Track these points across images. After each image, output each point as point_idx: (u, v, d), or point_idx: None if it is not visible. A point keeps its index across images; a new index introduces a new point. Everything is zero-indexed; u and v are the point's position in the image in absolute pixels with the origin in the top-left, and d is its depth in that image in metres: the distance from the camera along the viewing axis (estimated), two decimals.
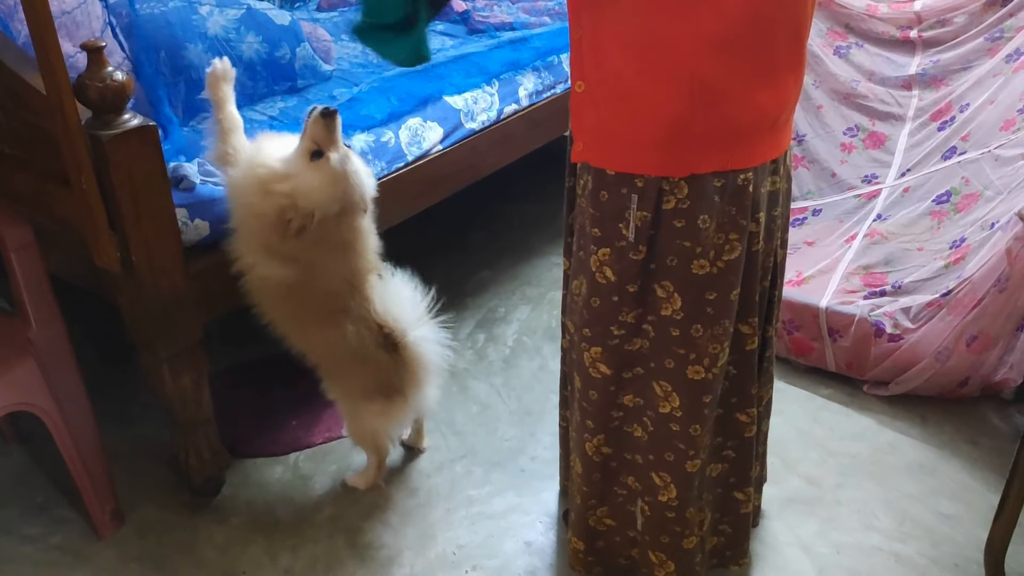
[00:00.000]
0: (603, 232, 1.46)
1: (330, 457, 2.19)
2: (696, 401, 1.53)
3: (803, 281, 2.54)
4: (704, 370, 1.50)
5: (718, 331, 1.49)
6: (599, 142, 1.44)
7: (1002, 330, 2.22)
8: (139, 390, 2.27)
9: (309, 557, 1.91)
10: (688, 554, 1.68)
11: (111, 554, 1.92)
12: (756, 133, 1.39)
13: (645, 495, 1.65)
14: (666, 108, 1.33)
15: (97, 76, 1.60)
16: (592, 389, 1.59)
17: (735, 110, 1.34)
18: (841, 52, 2.95)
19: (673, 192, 1.39)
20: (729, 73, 1.31)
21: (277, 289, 1.81)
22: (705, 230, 1.41)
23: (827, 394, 2.38)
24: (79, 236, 1.73)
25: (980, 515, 1.95)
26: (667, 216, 1.41)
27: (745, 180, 1.40)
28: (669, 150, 1.36)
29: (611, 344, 1.53)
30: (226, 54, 2.22)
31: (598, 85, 1.39)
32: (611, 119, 1.40)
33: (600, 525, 1.73)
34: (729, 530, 1.77)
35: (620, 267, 1.46)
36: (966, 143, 2.63)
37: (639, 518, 1.68)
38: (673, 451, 1.58)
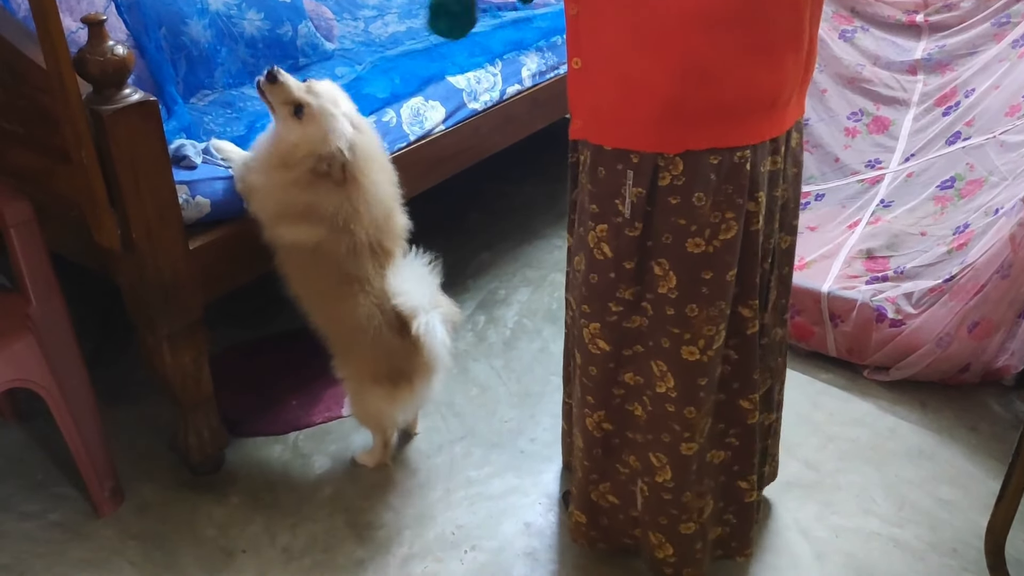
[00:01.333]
0: (600, 208, 1.46)
1: (330, 437, 2.19)
2: (691, 383, 1.52)
3: (805, 266, 2.53)
4: (699, 351, 1.50)
5: (713, 312, 1.48)
6: (596, 118, 1.44)
7: (1004, 316, 2.21)
8: (139, 367, 2.26)
9: (308, 536, 1.91)
10: (687, 540, 1.67)
11: (110, 532, 1.92)
12: (753, 111, 1.38)
13: (644, 475, 1.65)
14: (659, 84, 1.33)
15: (98, 50, 1.58)
16: (592, 365, 1.59)
17: (730, 87, 1.34)
18: (846, 36, 2.93)
19: (668, 168, 1.39)
20: (722, 50, 1.31)
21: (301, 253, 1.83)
22: (700, 208, 1.40)
23: (827, 379, 2.38)
24: (79, 213, 1.72)
25: (979, 501, 1.95)
26: (662, 193, 1.41)
27: (742, 158, 1.39)
28: (663, 126, 1.37)
29: (609, 320, 1.53)
30: (227, 30, 2.21)
31: (594, 61, 1.39)
32: (607, 95, 1.40)
33: (603, 501, 1.73)
34: (733, 520, 1.75)
35: (617, 243, 1.46)
36: (971, 128, 2.61)
37: (639, 498, 1.68)
38: (669, 432, 1.57)
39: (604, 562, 1.84)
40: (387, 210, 1.90)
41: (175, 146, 1.84)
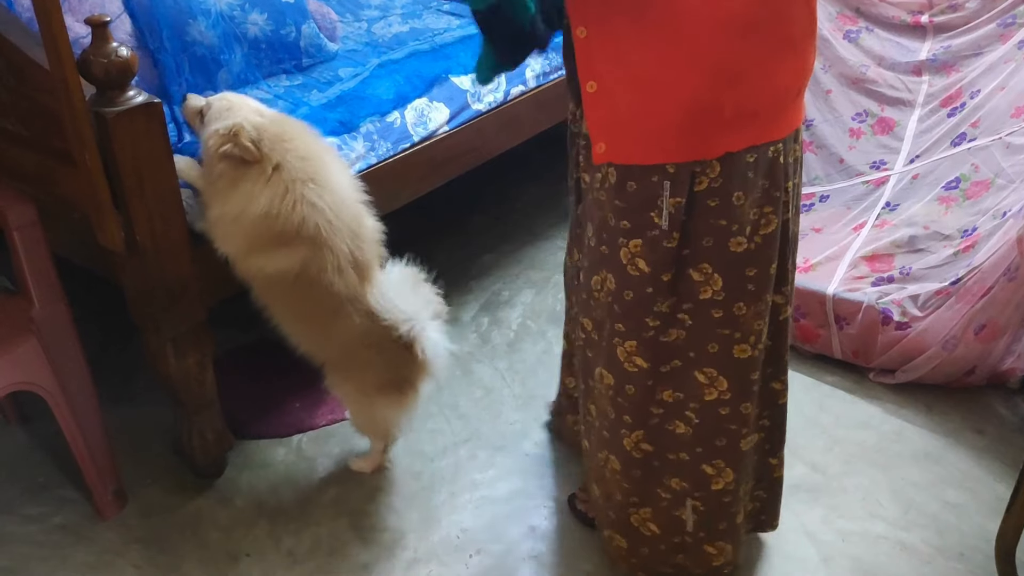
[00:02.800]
0: (632, 223, 1.43)
1: (333, 439, 2.18)
2: (745, 380, 1.54)
3: (810, 268, 2.52)
4: (751, 347, 1.51)
5: (760, 307, 1.49)
6: (622, 138, 1.41)
7: (1010, 319, 2.20)
8: (142, 370, 2.25)
9: (312, 539, 1.90)
10: (740, 528, 1.71)
11: (113, 535, 1.91)
12: (782, 104, 1.39)
13: (695, 491, 1.63)
14: (695, 94, 1.32)
15: (101, 52, 1.58)
16: (629, 384, 1.56)
17: (763, 87, 1.34)
18: (851, 36, 2.92)
19: (705, 172, 1.38)
20: (753, 52, 1.31)
21: (284, 283, 1.78)
22: (740, 207, 1.40)
23: (833, 381, 2.37)
24: (83, 215, 1.72)
25: (986, 504, 1.95)
26: (700, 197, 1.39)
27: (776, 152, 1.40)
28: (700, 134, 1.35)
29: (647, 336, 1.51)
30: (230, 30, 2.20)
31: (614, 81, 1.37)
32: (632, 113, 1.38)
33: (644, 529, 1.69)
34: (764, 495, 1.77)
35: (654, 257, 1.44)
36: (976, 130, 2.60)
37: (690, 519, 1.65)
38: (725, 435, 1.57)
39: (610, 566, 1.83)
40: (355, 214, 1.84)
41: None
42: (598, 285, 1.54)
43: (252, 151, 1.71)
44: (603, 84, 1.38)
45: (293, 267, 1.75)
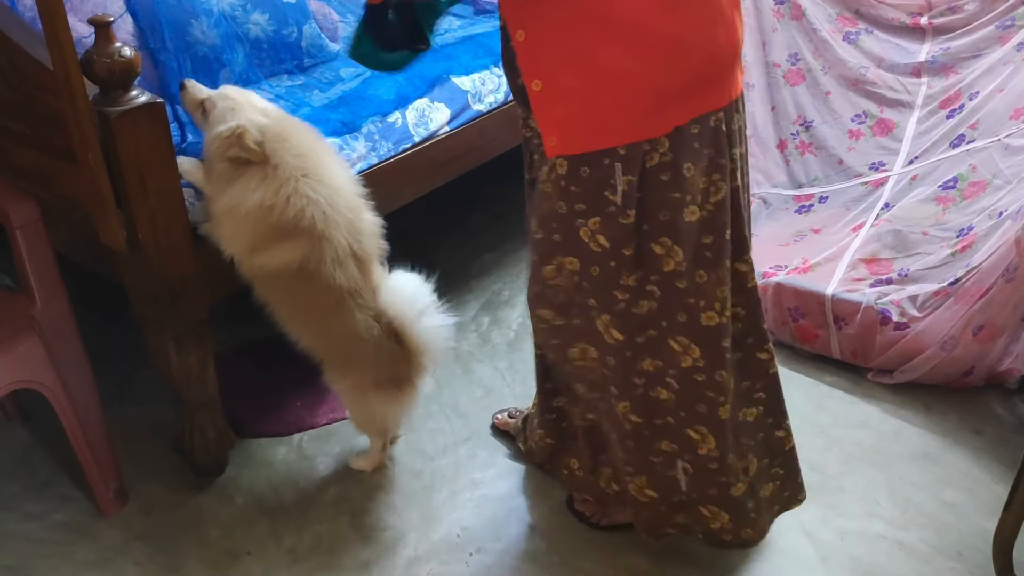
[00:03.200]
0: (588, 204, 1.47)
1: (334, 438, 2.18)
2: (716, 347, 1.56)
3: (809, 268, 2.53)
4: (717, 314, 1.54)
5: (721, 273, 1.52)
6: (573, 129, 1.45)
7: (1008, 320, 2.21)
8: (144, 368, 2.26)
9: (313, 538, 1.91)
10: (739, 502, 1.69)
11: (114, 532, 1.92)
12: (721, 74, 1.44)
13: (684, 454, 1.66)
14: (641, 74, 1.37)
15: (105, 52, 1.59)
16: (609, 356, 1.60)
17: (701, 58, 1.40)
18: (850, 38, 2.93)
19: (656, 149, 1.42)
20: (685, 25, 1.37)
21: (286, 279, 1.79)
22: (690, 178, 1.45)
23: (831, 381, 2.38)
24: (85, 213, 1.72)
25: (984, 504, 1.95)
26: (652, 173, 1.44)
27: (717, 120, 1.45)
28: (650, 113, 1.40)
29: (618, 308, 1.55)
30: (232, 30, 2.21)
31: (559, 76, 1.42)
32: (582, 102, 1.42)
33: (642, 496, 1.72)
34: (781, 471, 1.77)
35: (612, 232, 1.48)
36: (975, 131, 2.61)
37: (682, 479, 1.68)
38: (704, 401, 1.60)
39: (609, 564, 1.84)
40: (353, 208, 1.85)
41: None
42: (552, 273, 1.57)
43: (257, 152, 1.73)
44: (548, 80, 1.42)
45: (294, 261, 1.77)
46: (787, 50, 3.00)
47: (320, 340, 1.90)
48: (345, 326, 1.83)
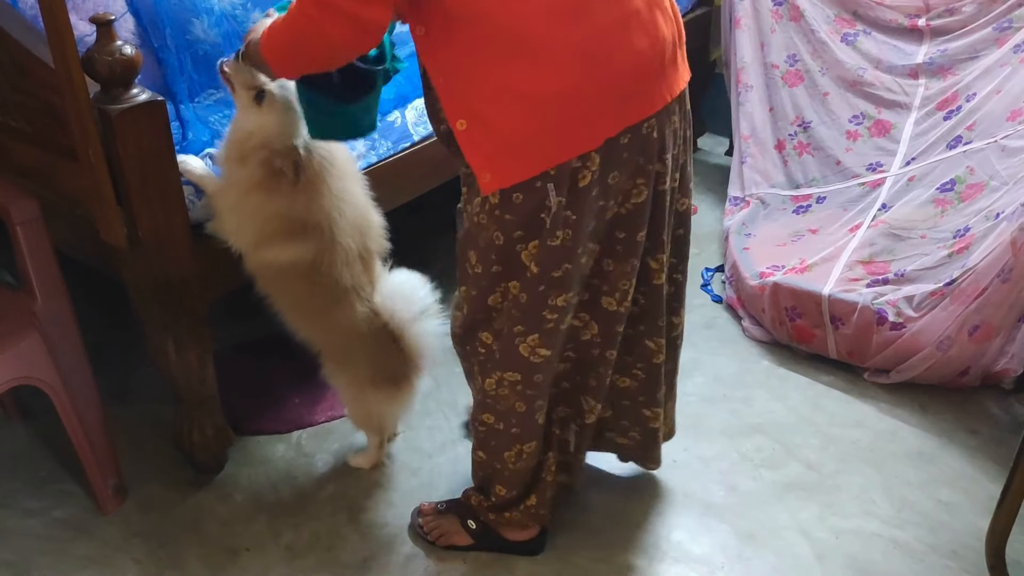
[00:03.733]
0: (526, 230, 1.46)
1: (332, 436, 2.19)
2: (611, 329, 1.65)
3: (806, 269, 2.54)
4: (616, 303, 1.61)
5: (627, 268, 1.58)
6: (505, 162, 1.42)
7: (1004, 320, 2.22)
8: (143, 365, 2.27)
9: (311, 534, 1.92)
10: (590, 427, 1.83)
11: (114, 529, 1.93)
12: (647, 79, 1.43)
13: (575, 420, 1.80)
14: (567, 92, 1.36)
15: (106, 50, 1.59)
16: (537, 373, 1.64)
17: (622, 66, 1.38)
18: (848, 39, 2.94)
19: (587, 165, 1.42)
20: (595, 34, 1.36)
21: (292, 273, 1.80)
22: (615, 184, 1.47)
23: (828, 381, 2.39)
24: (85, 211, 1.73)
25: (979, 503, 1.96)
26: (584, 192, 1.44)
27: (649, 127, 1.45)
28: (581, 131, 1.40)
29: (546, 328, 1.58)
30: (232, 30, 2.21)
31: (484, 113, 1.40)
32: (511, 136, 1.40)
33: (553, 479, 1.81)
34: (638, 437, 1.90)
35: (544, 256, 1.48)
36: (972, 133, 2.62)
37: (572, 439, 1.82)
38: (596, 377, 1.72)
39: (605, 562, 1.85)
40: (362, 212, 1.87)
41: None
42: (497, 301, 1.57)
43: (294, 178, 1.73)
44: (472, 119, 1.41)
45: (305, 258, 1.78)
46: (785, 51, 3.01)
47: (319, 332, 1.91)
48: (344, 320, 1.84)
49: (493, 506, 1.83)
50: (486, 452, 1.79)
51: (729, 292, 2.70)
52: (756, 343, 2.54)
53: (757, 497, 2.01)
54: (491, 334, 1.62)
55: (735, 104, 3.08)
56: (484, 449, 1.79)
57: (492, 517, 1.83)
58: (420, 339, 1.90)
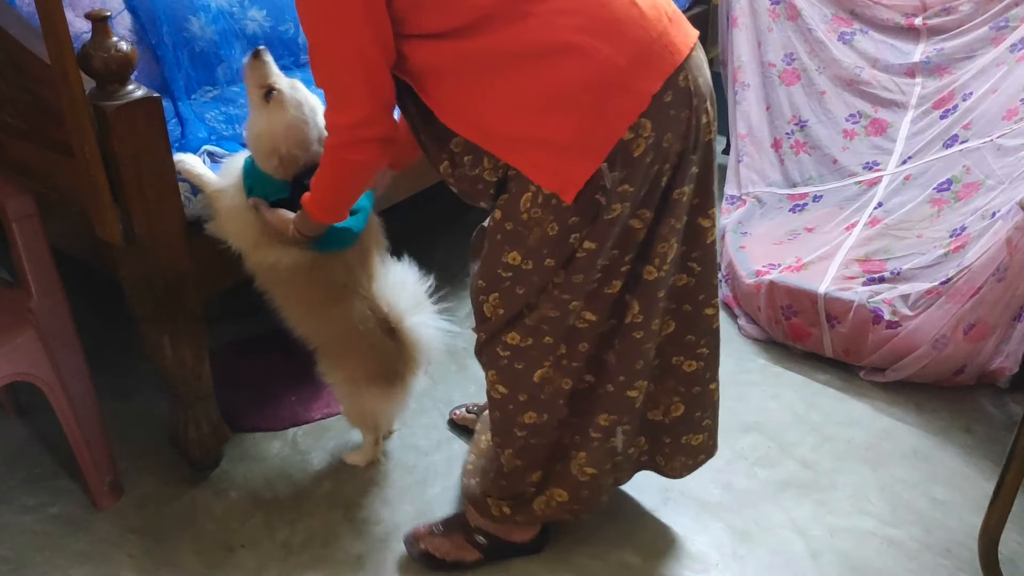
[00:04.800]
0: (582, 215, 1.41)
1: (328, 433, 2.19)
2: (652, 298, 1.56)
3: (802, 267, 2.54)
4: (656, 269, 1.53)
5: (664, 230, 1.49)
6: (573, 168, 1.38)
7: (999, 319, 2.23)
8: (139, 362, 2.27)
9: (307, 531, 1.92)
10: (654, 427, 1.76)
11: (109, 525, 1.93)
12: (659, 31, 1.38)
13: (623, 418, 1.68)
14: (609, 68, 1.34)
15: (102, 46, 1.59)
16: (583, 342, 1.57)
17: (630, 27, 1.36)
18: (845, 38, 2.94)
19: (639, 135, 1.37)
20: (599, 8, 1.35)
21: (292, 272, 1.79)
22: (669, 147, 1.41)
23: (824, 379, 2.39)
24: (81, 208, 1.73)
25: (973, 502, 1.97)
26: (638, 161, 1.39)
27: (684, 79, 1.40)
28: (628, 98, 1.36)
29: (590, 290, 1.51)
30: (229, 26, 2.22)
31: (543, 128, 1.37)
32: (570, 137, 1.36)
33: (582, 475, 1.71)
34: (710, 423, 1.81)
35: (598, 234, 1.44)
36: (968, 132, 2.62)
37: (620, 442, 1.70)
38: (642, 356, 1.61)
39: (601, 559, 1.85)
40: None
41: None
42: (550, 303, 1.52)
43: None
44: (525, 154, 1.39)
45: (306, 259, 1.78)
46: (783, 50, 3.01)
47: (317, 329, 1.90)
48: (340, 317, 1.84)
49: (518, 503, 1.75)
50: (525, 455, 1.69)
51: (725, 290, 2.70)
52: (752, 341, 2.55)
53: (752, 495, 2.02)
54: (518, 333, 1.56)
55: (732, 103, 3.08)
56: (523, 453, 1.69)
57: (501, 527, 1.79)
58: (417, 331, 1.89)
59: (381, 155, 1.49)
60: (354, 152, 1.47)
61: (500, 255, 1.51)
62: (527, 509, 1.76)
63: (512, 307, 1.55)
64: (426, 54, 1.39)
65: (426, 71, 1.41)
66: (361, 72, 1.37)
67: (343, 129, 1.45)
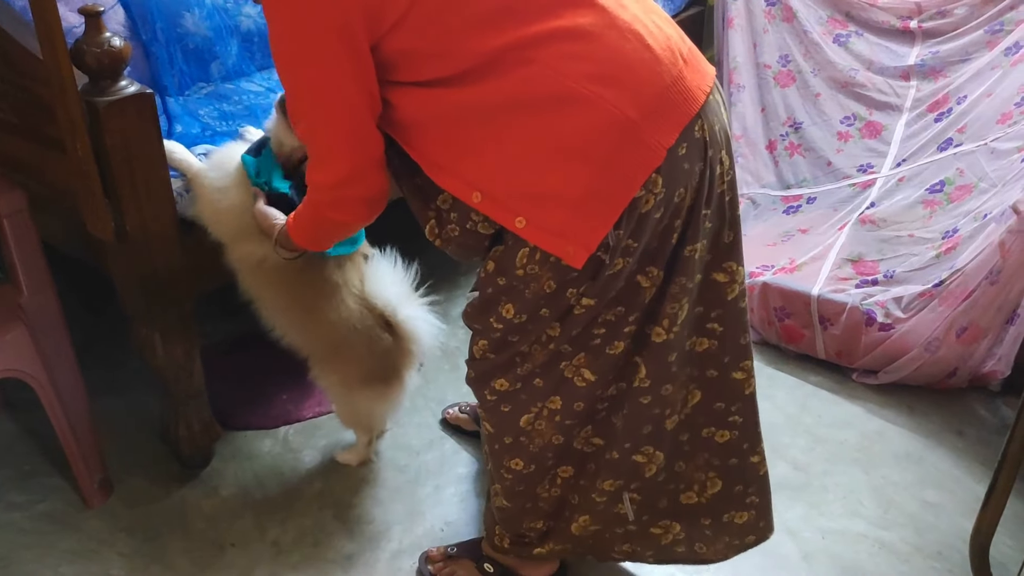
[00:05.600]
0: (583, 272, 1.32)
1: (320, 432, 2.19)
2: (663, 362, 1.45)
3: (795, 268, 2.55)
4: (665, 331, 1.42)
5: (674, 289, 1.39)
6: (582, 227, 1.28)
7: (992, 322, 2.23)
8: (130, 359, 2.25)
9: (298, 530, 1.91)
10: (690, 511, 1.62)
11: (99, 523, 1.92)
12: (674, 77, 1.29)
13: (631, 483, 1.57)
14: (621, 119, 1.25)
15: (95, 41, 1.58)
16: (579, 401, 1.49)
17: (643, 72, 1.28)
18: (841, 40, 2.94)
19: (650, 191, 1.27)
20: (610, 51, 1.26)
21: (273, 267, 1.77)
22: (680, 203, 1.32)
23: (816, 381, 2.40)
24: (73, 203, 1.72)
25: (965, 505, 1.97)
26: (645, 217, 1.30)
27: (700, 129, 1.31)
28: (641, 152, 1.27)
29: (593, 345, 1.43)
30: (223, 23, 2.21)
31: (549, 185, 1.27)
32: (577, 194, 1.26)
33: (584, 532, 1.64)
34: (756, 499, 1.65)
35: (597, 289, 1.36)
36: (962, 135, 2.63)
37: (630, 510, 1.60)
38: (650, 421, 1.51)
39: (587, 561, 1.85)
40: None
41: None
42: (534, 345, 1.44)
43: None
44: (528, 207, 1.28)
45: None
46: (778, 51, 3.01)
47: (305, 335, 1.88)
48: (330, 319, 1.82)
49: (518, 545, 1.68)
50: (512, 499, 1.62)
51: None
52: None
53: None
54: (507, 380, 1.49)
55: (727, 104, 3.08)
56: (510, 497, 1.62)
57: (513, 559, 1.73)
58: (411, 322, 1.87)
59: (367, 214, 1.43)
60: (336, 212, 1.42)
61: (494, 307, 1.42)
62: (527, 550, 1.69)
63: (503, 353, 1.47)
64: (416, 103, 1.30)
65: (415, 121, 1.32)
66: (345, 124, 1.29)
67: (324, 189, 1.38)
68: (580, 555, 1.74)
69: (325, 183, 1.37)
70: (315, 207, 1.44)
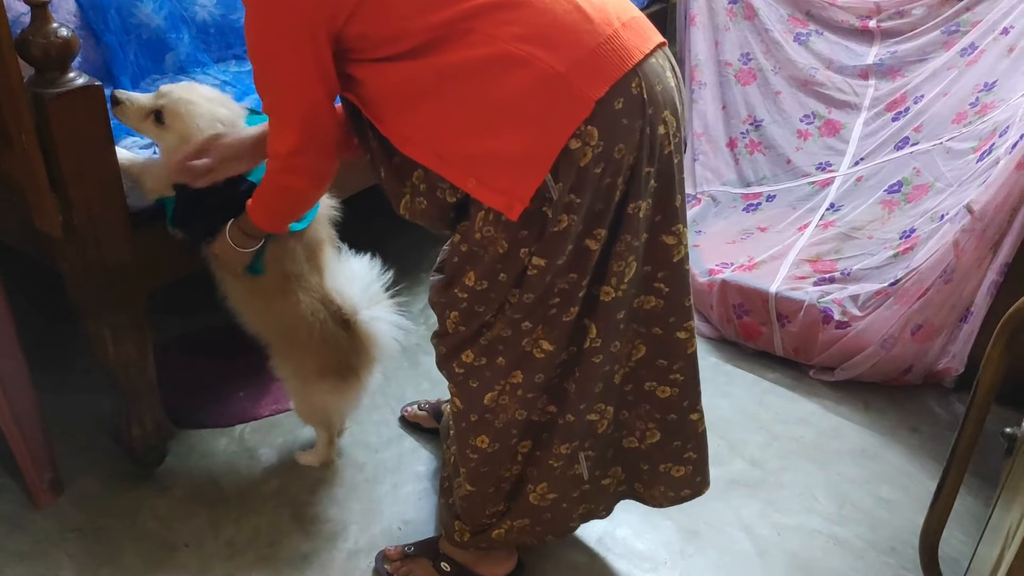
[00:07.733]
0: (531, 229, 1.36)
1: (276, 430, 2.16)
2: (611, 319, 1.49)
3: (754, 266, 2.56)
4: (613, 289, 1.45)
5: (619, 248, 1.42)
6: (520, 182, 1.34)
7: (946, 320, 2.26)
8: (81, 356, 2.22)
9: (252, 530, 1.89)
10: (631, 454, 1.68)
11: (49, 524, 1.88)
12: (608, 35, 1.34)
13: (584, 443, 1.61)
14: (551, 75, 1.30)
15: (41, 32, 1.54)
16: (539, 372, 1.52)
17: (573, 32, 1.33)
18: (801, 39, 2.96)
19: (586, 143, 1.30)
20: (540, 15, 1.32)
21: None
22: (621, 159, 1.34)
23: (774, 378, 2.41)
24: (19, 198, 1.68)
25: (918, 500, 2.00)
26: (585, 171, 1.33)
27: (638, 86, 1.34)
28: (570, 104, 1.31)
29: (550, 315, 1.46)
30: (177, 12, 2.17)
31: (485, 160, 1.35)
32: (518, 150, 1.33)
33: (543, 501, 1.66)
34: (694, 455, 1.70)
35: (547, 247, 1.38)
36: (919, 134, 2.66)
37: (585, 470, 1.64)
38: (601, 378, 1.54)
39: (550, 559, 1.85)
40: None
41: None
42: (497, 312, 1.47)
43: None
44: (478, 174, 1.35)
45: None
46: (739, 49, 3.03)
47: (265, 320, 1.87)
48: (289, 308, 1.80)
49: (478, 535, 1.70)
50: (477, 482, 1.64)
51: None
52: (703, 339, 2.56)
53: None
54: (472, 352, 1.52)
55: (688, 101, 3.09)
56: (475, 480, 1.64)
57: (472, 551, 1.74)
58: (371, 325, 1.86)
59: (312, 187, 1.57)
60: (290, 177, 1.53)
61: (459, 278, 1.47)
62: (486, 537, 1.71)
63: (471, 324, 1.50)
64: (379, 77, 1.39)
65: (380, 94, 1.40)
66: (301, 103, 1.41)
67: (280, 157, 1.50)
68: (540, 537, 1.73)
69: (280, 152, 1.49)
70: (272, 174, 1.55)
